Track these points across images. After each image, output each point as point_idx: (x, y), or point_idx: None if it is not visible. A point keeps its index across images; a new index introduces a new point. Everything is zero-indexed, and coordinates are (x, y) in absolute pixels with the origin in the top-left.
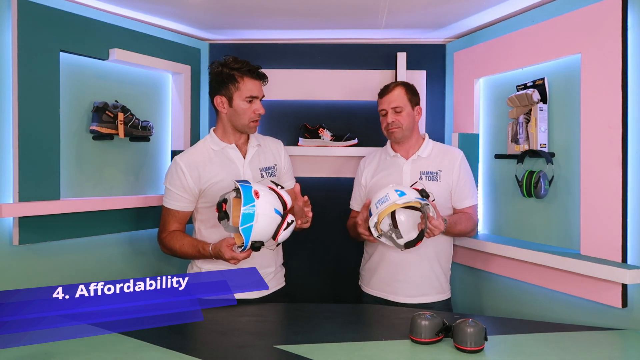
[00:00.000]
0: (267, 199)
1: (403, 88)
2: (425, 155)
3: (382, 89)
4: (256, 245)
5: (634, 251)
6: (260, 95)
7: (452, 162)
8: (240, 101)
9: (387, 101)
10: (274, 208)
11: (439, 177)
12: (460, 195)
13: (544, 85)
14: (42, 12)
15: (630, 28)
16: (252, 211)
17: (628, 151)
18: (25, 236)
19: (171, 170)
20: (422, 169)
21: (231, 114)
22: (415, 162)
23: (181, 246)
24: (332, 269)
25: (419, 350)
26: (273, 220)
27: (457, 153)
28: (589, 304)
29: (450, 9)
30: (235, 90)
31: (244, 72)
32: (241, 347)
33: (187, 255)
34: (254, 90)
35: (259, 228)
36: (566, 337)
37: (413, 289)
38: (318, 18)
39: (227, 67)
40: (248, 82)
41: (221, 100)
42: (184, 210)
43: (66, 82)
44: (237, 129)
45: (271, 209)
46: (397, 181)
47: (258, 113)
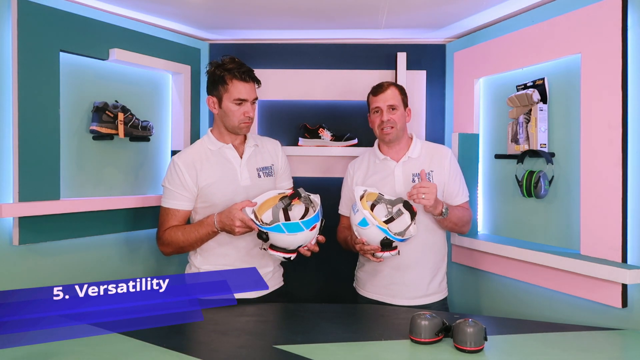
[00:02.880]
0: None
1: (397, 88)
2: (415, 156)
3: (376, 87)
4: (264, 236)
5: (634, 251)
6: (250, 98)
7: (441, 161)
8: (229, 103)
9: (383, 99)
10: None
11: (432, 177)
12: (451, 193)
13: (544, 85)
14: (42, 12)
15: (630, 28)
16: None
17: (628, 151)
18: (25, 236)
19: (170, 170)
20: (413, 171)
21: (221, 114)
22: (406, 164)
23: (183, 232)
24: (332, 268)
25: (418, 350)
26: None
27: (445, 151)
28: (589, 304)
29: (450, 9)
30: (224, 92)
31: (234, 74)
32: (241, 347)
33: (191, 239)
34: (243, 92)
35: (296, 239)
36: (566, 337)
37: (411, 291)
38: (318, 18)
39: (220, 68)
40: (237, 85)
41: (212, 101)
42: (184, 209)
43: (66, 82)
44: (228, 130)
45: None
46: (390, 185)
47: (247, 116)
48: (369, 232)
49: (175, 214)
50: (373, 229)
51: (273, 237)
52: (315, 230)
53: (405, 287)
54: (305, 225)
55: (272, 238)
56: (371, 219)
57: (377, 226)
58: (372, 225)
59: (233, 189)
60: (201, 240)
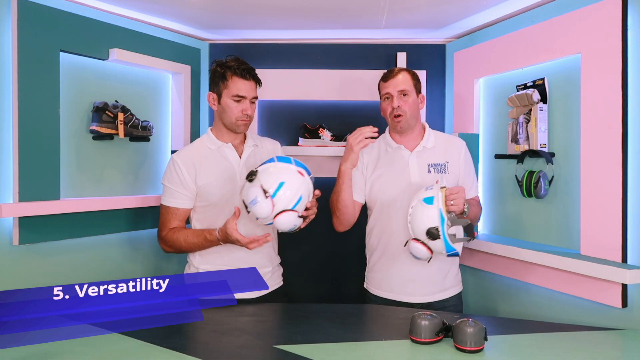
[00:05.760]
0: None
1: (408, 73)
2: (430, 146)
3: (386, 73)
4: (251, 177)
5: (634, 251)
6: (249, 96)
7: (456, 152)
8: (228, 99)
9: (393, 84)
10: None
11: (447, 168)
12: (465, 185)
13: (544, 85)
14: (42, 12)
15: (630, 28)
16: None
17: (628, 151)
18: (25, 236)
19: (169, 168)
20: (429, 161)
21: (220, 111)
22: (421, 154)
23: (185, 238)
24: (331, 268)
25: (418, 350)
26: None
27: (460, 143)
28: (589, 304)
29: (450, 9)
30: (224, 88)
31: (235, 71)
32: (241, 347)
33: (193, 246)
34: (242, 90)
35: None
36: (566, 337)
37: (428, 286)
38: (318, 18)
39: (222, 65)
40: (237, 82)
41: (212, 97)
42: (183, 208)
43: (66, 82)
44: (226, 127)
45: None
46: (405, 175)
47: (245, 113)
48: (427, 211)
49: (175, 212)
50: (434, 210)
51: (263, 176)
52: (305, 178)
53: (422, 284)
54: (294, 162)
55: (262, 178)
56: (440, 201)
57: (440, 211)
58: (435, 208)
59: (231, 188)
60: (204, 249)
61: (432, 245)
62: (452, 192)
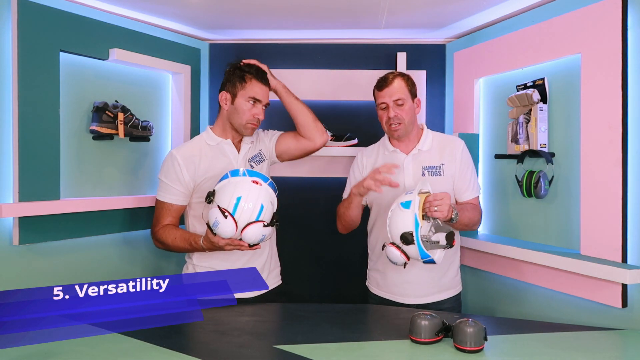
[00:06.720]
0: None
1: (403, 79)
2: (426, 149)
3: (380, 81)
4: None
5: (634, 251)
6: (264, 101)
7: (453, 153)
8: (243, 100)
9: (388, 94)
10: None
11: (442, 171)
12: (461, 187)
13: (544, 85)
14: (42, 12)
15: (630, 28)
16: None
17: (628, 151)
18: (25, 236)
19: (167, 163)
20: (424, 164)
21: (231, 111)
22: (416, 157)
23: (173, 240)
24: (331, 268)
25: (418, 350)
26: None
27: (458, 143)
28: (589, 304)
29: (450, 9)
30: (240, 89)
31: (254, 74)
32: (241, 347)
33: (179, 249)
34: (259, 93)
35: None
36: (566, 337)
37: (422, 289)
38: (318, 18)
39: (241, 68)
40: (255, 85)
41: (225, 97)
42: (178, 204)
43: (66, 82)
44: (234, 128)
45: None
46: (400, 178)
47: (257, 117)
48: (402, 215)
49: (169, 208)
50: (409, 215)
51: (219, 196)
52: (263, 186)
53: (418, 285)
54: (248, 173)
55: (218, 198)
56: (416, 206)
57: (415, 216)
58: (411, 212)
59: None
60: (190, 252)
61: (407, 251)
62: (435, 198)
